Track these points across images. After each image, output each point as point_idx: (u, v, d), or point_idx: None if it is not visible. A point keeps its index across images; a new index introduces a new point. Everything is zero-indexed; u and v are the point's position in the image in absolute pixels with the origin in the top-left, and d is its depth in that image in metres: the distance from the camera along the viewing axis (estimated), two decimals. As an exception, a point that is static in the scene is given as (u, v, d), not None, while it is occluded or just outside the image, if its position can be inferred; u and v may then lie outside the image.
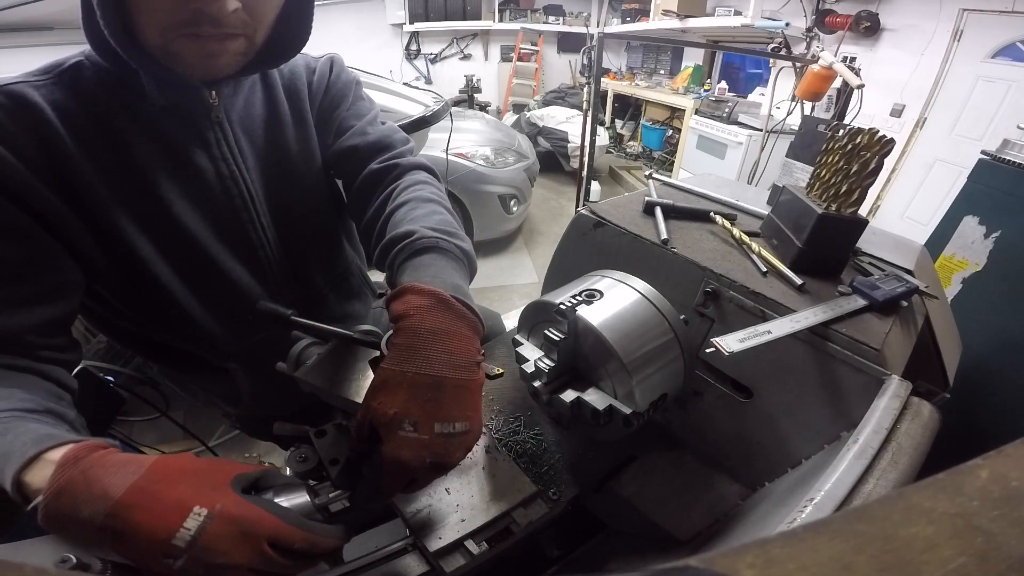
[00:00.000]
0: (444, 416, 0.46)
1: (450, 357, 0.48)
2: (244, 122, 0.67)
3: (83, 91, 0.56)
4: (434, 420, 0.45)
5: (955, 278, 1.47)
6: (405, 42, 6.05)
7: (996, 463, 0.16)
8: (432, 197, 0.69)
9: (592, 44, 2.82)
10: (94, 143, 0.56)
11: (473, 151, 3.16)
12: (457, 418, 0.47)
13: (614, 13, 5.65)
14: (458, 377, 0.48)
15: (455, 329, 0.50)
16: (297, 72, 0.74)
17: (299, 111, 0.73)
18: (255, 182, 0.68)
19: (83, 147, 0.55)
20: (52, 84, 0.56)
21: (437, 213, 0.66)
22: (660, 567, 0.13)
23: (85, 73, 0.57)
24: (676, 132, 5.07)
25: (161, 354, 0.75)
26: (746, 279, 0.66)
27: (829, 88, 2.22)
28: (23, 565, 0.14)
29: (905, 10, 3.18)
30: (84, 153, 0.55)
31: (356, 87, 0.80)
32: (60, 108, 0.55)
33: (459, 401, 0.47)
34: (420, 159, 0.76)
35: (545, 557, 0.66)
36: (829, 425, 0.59)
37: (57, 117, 0.54)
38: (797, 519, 0.38)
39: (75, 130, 0.55)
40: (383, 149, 0.75)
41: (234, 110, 0.66)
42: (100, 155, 0.56)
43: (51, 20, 2.21)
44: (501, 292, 3.10)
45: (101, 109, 0.57)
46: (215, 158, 0.64)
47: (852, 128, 0.65)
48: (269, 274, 0.73)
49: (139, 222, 0.60)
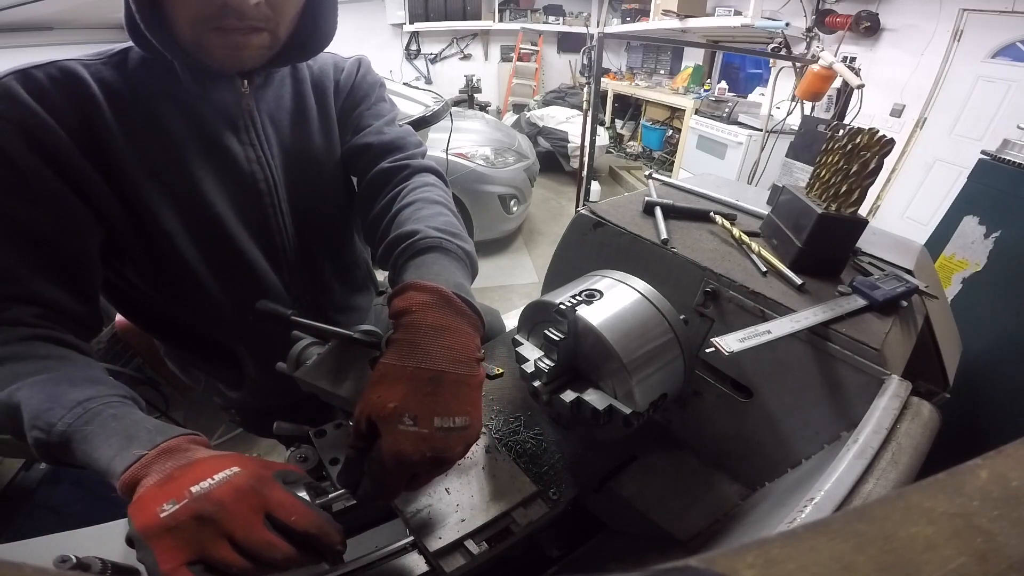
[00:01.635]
0: (444, 410, 0.46)
1: (450, 352, 0.48)
2: (272, 113, 0.71)
3: (128, 73, 0.61)
4: (433, 414, 0.45)
5: (955, 278, 1.47)
6: (405, 42, 6.05)
7: (996, 463, 0.16)
8: (438, 199, 0.71)
9: (592, 44, 2.82)
10: (133, 120, 0.60)
11: (473, 151, 3.16)
12: (457, 412, 0.46)
13: (614, 13, 5.65)
14: (458, 372, 0.48)
15: (456, 325, 0.51)
16: (325, 70, 0.78)
17: (324, 107, 0.77)
18: (278, 169, 0.72)
19: (123, 123, 0.59)
20: (102, 64, 0.60)
21: (443, 215, 0.67)
22: (660, 567, 0.13)
23: (132, 57, 0.62)
24: (676, 132, 5.07)
25: (174, 333, 0.78)
26: (746, 279, 0.66)
27: (829, 88, 2.22)
28: (23, 565, 0.14)
29: (905, 10, 3.18)
30: (123, 128, 0.59)
31: (380, 89, 0.83)
32: (105, 85, 0.59)
33: (459, 396, 0.47)
34: (430, 163, 0.78)
35: (545, 557, 0.66)
36: (829, 425, 0.59)
37: (102, 92, 0.58)
38: (797, 519, 0.38)
39: (117, 107, 0.59)
40: (396, 149, 0.77)
41: (264, 100, 0.70)
42: (138, 131, 0.60)
43: (51, 20, 2.21)
44: (501, 292, 3.10)
45: (142, 90, 0.61)
46: (244, 143, 0.68)
47: (852, 128, 0.65)
48: (283, 260, 0.76)
49: (168, 197, 0.63)
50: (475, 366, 0.50)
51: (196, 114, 0.64)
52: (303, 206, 0.76)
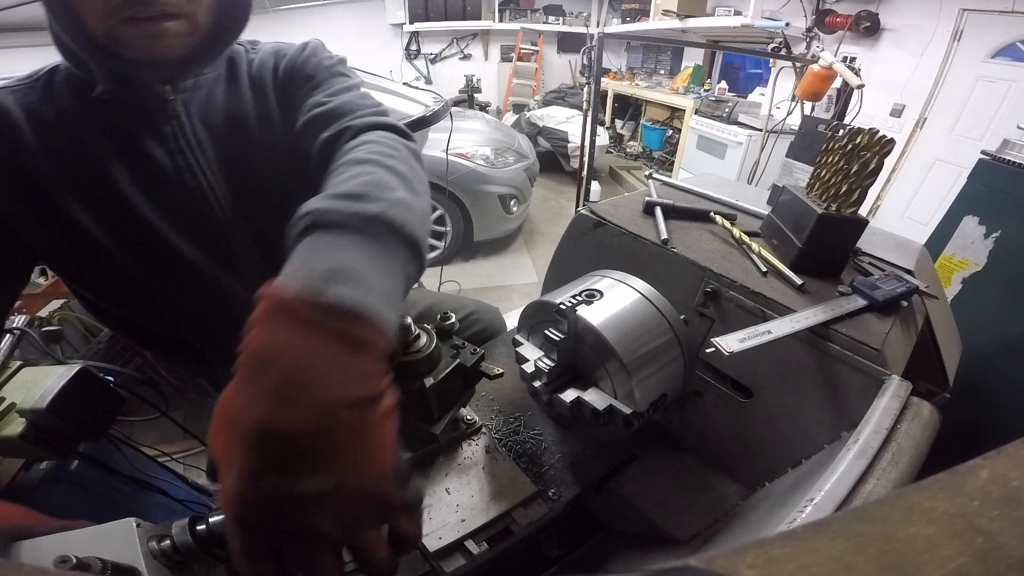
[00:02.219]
0: (278, 467, 0.32)
1: (283, 389, 0.33)
2: (205, 116, 0.67)
3: (52, 92, 0.61)
4: (264, 470, 0.32)
5: (955, 278, 1.47)
6: (405, 42, 6.04)
7: (996, 463, 0.16)
8: (369, 157, 0.52)
9: (592, 44, 2.82)
10: (56, 140, 0.60)
11: (473, 151, 3.16)
12: (297, 471, 0.32)
13: (614, 13, 5.64)
14: (293, 419, 0.33)
15: (296, 346, 0.34)
16: (265, 63, 0.72)
17: (263, 102, 0.71)
18: (216, 174, 0.68)
19: (45, 145, 0.59)
20: (28, 88, 0.61)
21: (364, 174, 0.49)
22: (660, 567, 0.13)
23: (57, 76, 0.62)
24: (676, 132, 5.07)
25: (150, 339, 0.78)
26: (746, 279, 0.66)
27: (829, 88, 2.22)
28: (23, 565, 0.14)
29: (905, 10, 3.18)
30: (45, 150, 0.59)
31: (334, 66, 0.72)
32: (29, 110, 0.59)
33: (300, 449, 0.33)
34: (381, 119, 0.61)
35: (545, 557, 0.66)
36: (829, 425, 0.59)
37: (25, 117, 0.58)
38: (797, 519, 0.38)
39: (40, 129, 0.59)
40: (340, 115, 0.62)
41: (194, 103, 0.67)
42: (60, 151, 0.60)
43: (51, 20, 2.21)
44: (501, 292, 3.10)
45: (64, 107, 0.60)
46: (172, 151, 0.65)
47: (852, 128, 0.65)
48: (237, 263, 0.73)
49: (96, 213, 0.62)
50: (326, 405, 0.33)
51: (116, 124, 0.62)
52: (252, 208, 0.72)
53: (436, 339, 0.58)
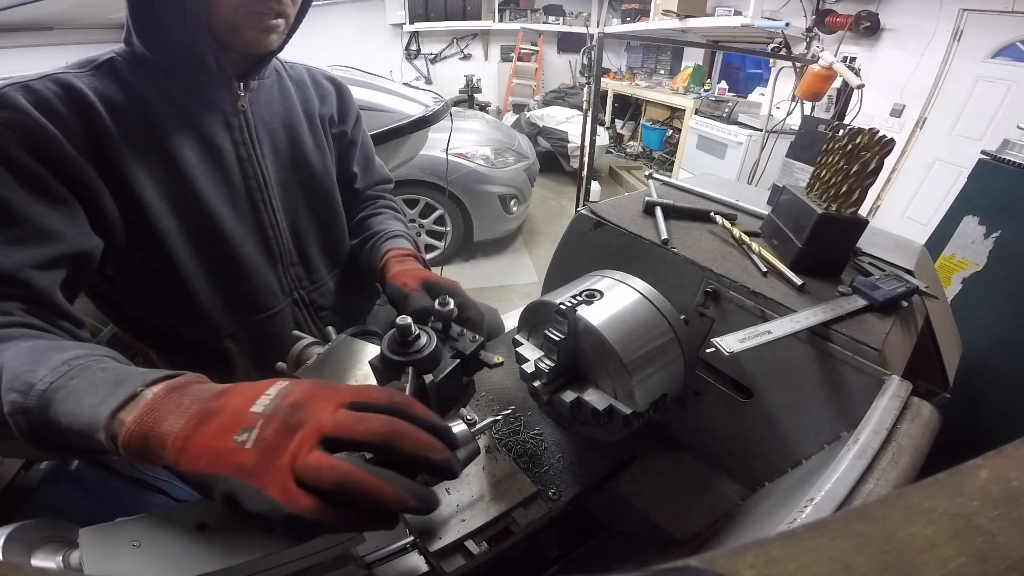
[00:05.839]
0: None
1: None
2: (264, 115, 0.76)
3: (119, 79, 0.64)
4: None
5: (955, 278, 1.47)
6: (405, 42, 6.05)
7: (996, 463, 0.16)
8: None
9: (592, 44, 2.82)
10: (131, 123, 0.63)
11: (473, 151, 3.16)
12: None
13: (614, 13, 5.65)
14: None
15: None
16: (303, 80, 0.85)
17: (309, 113, 0.84)
18: (269, 168, 0.76)
19: (121, 127, 0.62)
20: (90, 74, 0.63)
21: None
22: (660, 567, 0.13)
23: (119, 65, 0.65)
24: (676, 132, 5.07)
25: (160, 338, 0.79)
26: (746, 279, 0.66)
27: (829, 88, 2.22)
28: (23, 565, 0.14)
29: (905, 10, 3.18)
30: (121, 132, 0.62)
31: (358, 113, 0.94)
32: (100, 93, 0.61)
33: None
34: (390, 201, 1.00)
35: (545, 557, 0.66)
36: (829, 425, 0.59)
37: (99, 100, 0.61)
38: (797, 519, 0.38)
39: (114, 112, 0.61)
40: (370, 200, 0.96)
41: (257, 103, 0.75)
42: (136, 134, 0.63)
43: (51, 20, 2.21)
44: (501, 292, 3.10)
45: (137, 93, 0.64)
46: (236, 142, 0.72)
47: (852, 128, 0.65)
48: (277, 254, 0.80)
49: (164, 197, 0.66)
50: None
51: (191, 114, 0.67)
52: (295, 204, 0.81)
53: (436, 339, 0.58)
